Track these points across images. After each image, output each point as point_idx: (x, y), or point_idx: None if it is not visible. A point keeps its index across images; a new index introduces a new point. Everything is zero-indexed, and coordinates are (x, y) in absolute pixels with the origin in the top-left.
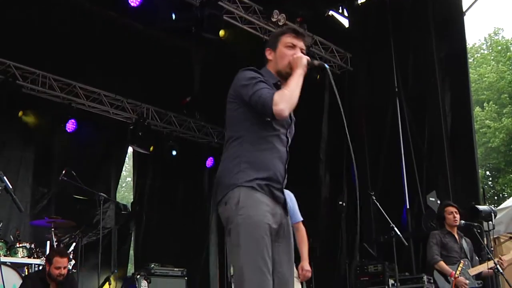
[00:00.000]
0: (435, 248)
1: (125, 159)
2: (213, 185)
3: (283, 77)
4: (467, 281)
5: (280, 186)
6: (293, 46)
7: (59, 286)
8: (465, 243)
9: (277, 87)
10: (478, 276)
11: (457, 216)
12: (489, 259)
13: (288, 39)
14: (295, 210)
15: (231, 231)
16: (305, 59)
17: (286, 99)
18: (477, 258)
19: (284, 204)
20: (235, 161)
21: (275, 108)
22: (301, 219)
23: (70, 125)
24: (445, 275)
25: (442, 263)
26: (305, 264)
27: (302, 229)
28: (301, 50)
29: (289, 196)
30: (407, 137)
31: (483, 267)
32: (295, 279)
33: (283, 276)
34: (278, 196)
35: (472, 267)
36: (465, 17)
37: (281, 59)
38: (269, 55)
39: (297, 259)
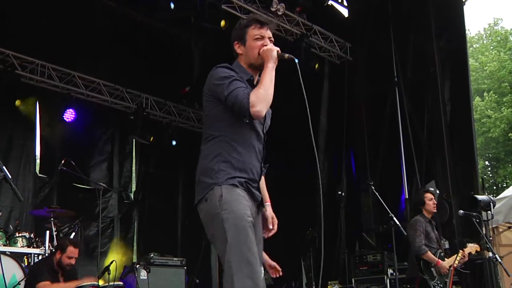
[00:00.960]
0: (422, 237)
1: (132, 149)
2: None
3: (257, 69)
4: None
5: (257, 185)
6: (261, 37)
7: (65, 273)
8: (436, 233)
9: (251, 83)
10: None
11: (435, 203)
12: (487, 249)
13: (255, 31)
14: None
15: (216, 227)
16: (275, 51)
17: (261, 98)
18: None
19: (259, 203)
20: (215, 160)
21: (252, 110)
22: None
23: (69, 115)
24: (429, 263)
25: (429, 253)
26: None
27: None
28: (269, 39)
29: None
30: (406, 126)
31: (452, 260)
32: None
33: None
34: (255, 195)
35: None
36: (465, 7)
37: (252, 52)
38: (238, 48)
39: None
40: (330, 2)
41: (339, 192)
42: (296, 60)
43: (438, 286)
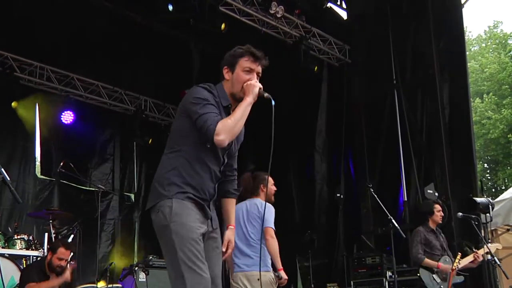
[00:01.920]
0: (419, 246)
1: (132, 151)
2: None
3: (236, 100)
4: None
5: (208, 203)
6: (250, 71)
7: (59, 277)
8: (442, 239)
9: (228, 110)
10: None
11: (442, 215)
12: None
13: (246, 63)
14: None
15: (166, 238)
16: (257, 88)
17: (227, 129)
18: (450, 253)
19: (211, 220)
20: (170, 173)
21: (216, 137)
22: (269, 226)
23: (68, 117)
24: (431, 270)
25: (426, 260)
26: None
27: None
28: (257, 74)
29: (266, 206)
30: (405, 129)
31: (466, 261)
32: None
33: (213, 279)
34: (206, 211)
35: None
36: (464, 9)
37: (237, 83)
38: (226, 74)
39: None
40: (329, 5)
41: (338, 195)
42: (273, 103)
43: None
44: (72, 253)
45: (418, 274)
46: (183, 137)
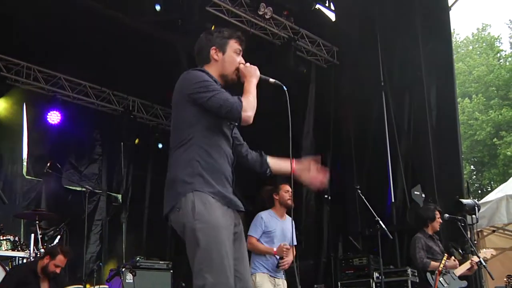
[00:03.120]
0: (422, 252)
1: (120, 152)
2: None
3: (227, 81)
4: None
5: (232, 189)
6: (240, 53)
7: (50, 279)
8: (440, 245)
9: None
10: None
11: (441, 222)
12: (472, 252)
13: (236, 45)
14: (294, 235)
15: (189, 237)
16: (258, 71)
17: (251, 106)
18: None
19: (236, 206)
20: (189, 167)
21: (244, 114)
22: (295, 243)
23: (55, 117)
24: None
25: (433, 263)
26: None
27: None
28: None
29: (291, 222)
30: (393, 130)
31: (464, 267)
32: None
33: (242, 275)
34: (230, 199)
35: None
36: (451, 12)
37: (230, 64)
38: (215, 54)
39: None
40: (317, 6)
41: (325, 196)
42: (283, 86)
43: None
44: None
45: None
46: (192, 126)
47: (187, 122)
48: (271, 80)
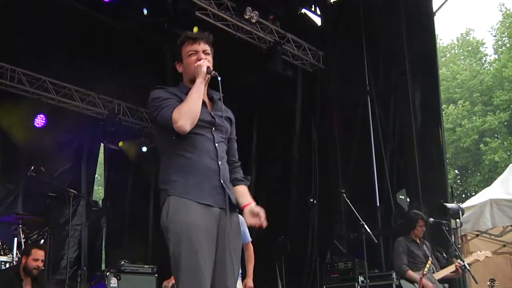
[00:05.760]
0: (402, 256)
1: (98, 155)
2: None
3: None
4: (432, 285)
5: (218, 183)
6: (195, 52)
7: (33, 282)
8: (425, 247)
9: None
10: (443, 280)
11: (424, 230)
12: (456, 256)
13: (187, 47)
14: (245, 232)
15: (166, 237)
16: (204, 67)
17: (184, 114)
18: (436, 260)
19: (223, 202)
20: (166, 172)
21: (175, 126)
22: (250, 239)
23: (40, 121)
24: (413, 282)
25: (410, 272)
26: (249, 281)
27: (250, 249)
28: (204, 52)
29: (241, 219)
30: (378, 135)
31: (447, 271)
32: None
33: (221, 277)
34: (212, 196)
35: (435, 268)
36: (436, 17)
37: (189, 68)
38: (179, 68)
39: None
40: (303, 11)
41: (311, 200)
42: (219, 78)
43: None
44: (45, 254)
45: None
46: (164, 139)
47: (160, 135)
48: (212, 73)
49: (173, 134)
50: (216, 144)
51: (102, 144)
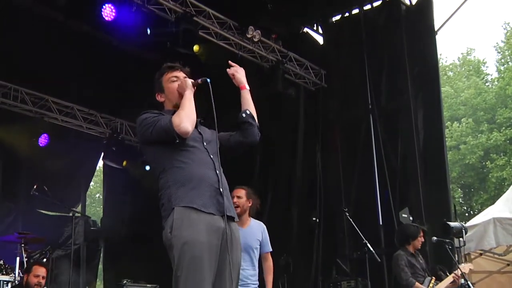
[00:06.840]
0: (406, 269)
1: (93, 173)
2: None
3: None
4: None
5: (218, 191)
6: (177, 78)
7: None
8: (421, 260)
9: None
10: None
11: (423, 241)
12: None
13: (168, 75)
14: (266, 241)
15: (170, 254)
16: (189, 80)
17: (183, 117)
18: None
19: (223, 210)
20: (167, 187)
21: (177, 129)
22: (270, 250)
23: (43, 140)
24: None
25: (418, 285)
26: None
27: (270, 260)
28: (184, 77)
29: (262, 227)
30: (381, 153)
31: (447, 282)
32: None
33: None
34: (214, 204)
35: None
36: (437, 36)
37: (171, 94)
38: (160, 98)
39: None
40: (305, 30)
41: (314, 218)
42: (208, 80)
43: None
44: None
45: None
46: (159, 162)
47: (154, 160)
48: (199, 80)
49: (174, 140)
50: (211, 156)
51: (102, 163)
